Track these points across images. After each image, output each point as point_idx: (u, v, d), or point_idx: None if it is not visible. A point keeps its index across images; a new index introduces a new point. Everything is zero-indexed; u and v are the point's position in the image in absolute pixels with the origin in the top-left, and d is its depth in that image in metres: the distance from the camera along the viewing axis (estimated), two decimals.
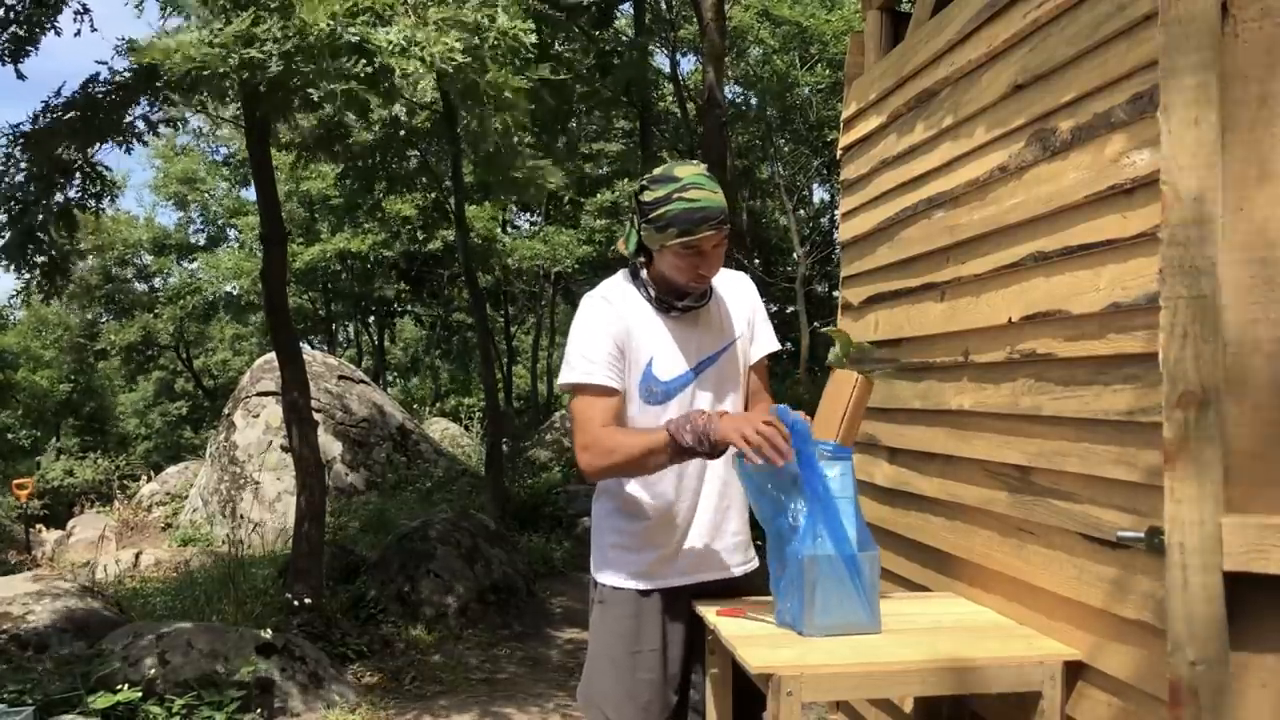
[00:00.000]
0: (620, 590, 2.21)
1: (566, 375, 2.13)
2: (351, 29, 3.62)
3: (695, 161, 2.13)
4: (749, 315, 2.26)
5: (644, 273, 2.17)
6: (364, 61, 3.65)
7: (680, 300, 2.14)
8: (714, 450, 1.95)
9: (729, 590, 2.22)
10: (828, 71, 14.15)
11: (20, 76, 4.94)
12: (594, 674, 2.24)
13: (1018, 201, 2.10)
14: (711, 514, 2.20)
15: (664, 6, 11.84)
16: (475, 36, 3.98)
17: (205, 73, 3.62)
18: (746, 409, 2.24)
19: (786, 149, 16.25)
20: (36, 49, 4.83)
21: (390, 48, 3.63)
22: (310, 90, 3.77)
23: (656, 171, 2.09)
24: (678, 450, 1.96)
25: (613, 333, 2.11)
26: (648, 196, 2.05)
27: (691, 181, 2.02)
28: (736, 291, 2.28)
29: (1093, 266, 1.84)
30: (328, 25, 3.57)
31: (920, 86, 2.59)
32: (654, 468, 2.06)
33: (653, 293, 2.15)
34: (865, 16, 3.16)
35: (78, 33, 5.02)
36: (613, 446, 2.03)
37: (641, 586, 2.20)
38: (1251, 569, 1.47)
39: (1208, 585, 1.48)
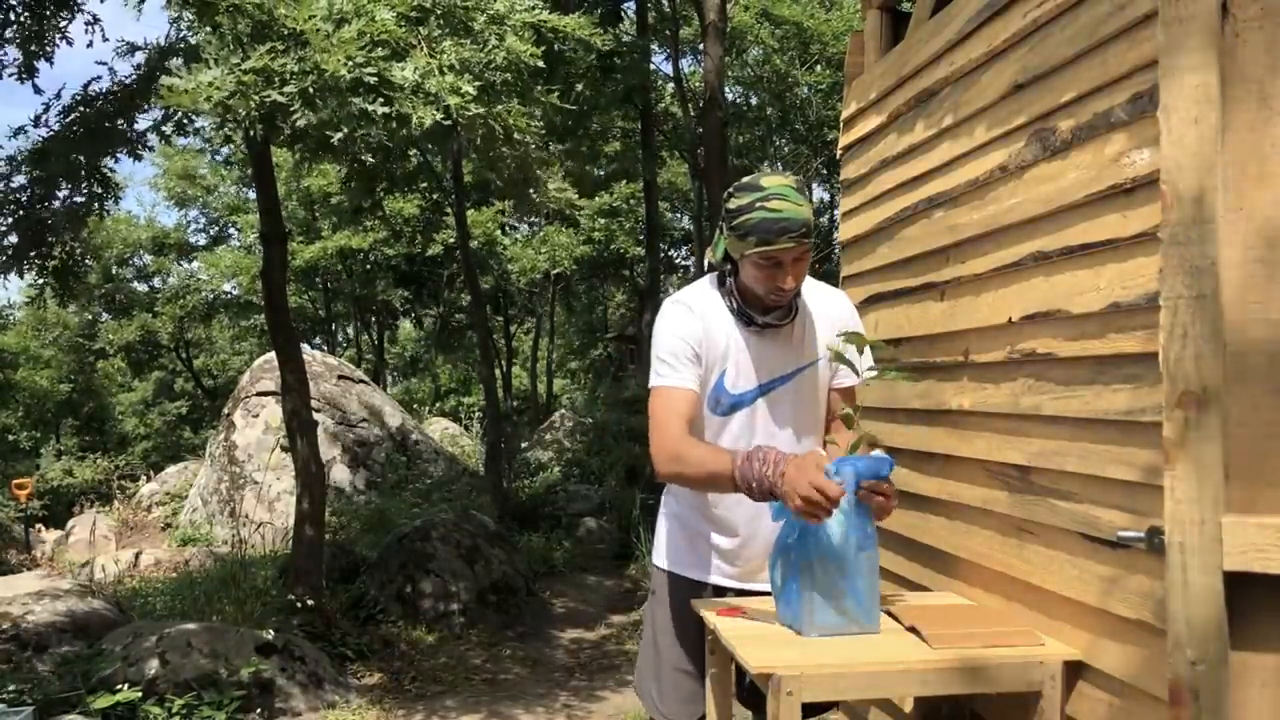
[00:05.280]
0: (674, 579, 2.27)
1: (651, 380, 2.14)
2: (369, 69, 3.59)
3: (786, 173, 2.10)
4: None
5: (730, 281, 2.15)
6: (381, 100, 3.62)
7: (763, 314, 2.12)
8: (769, 497, 1.91)
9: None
10: (828, 71, 14.15)
11: (37, 91, 4.93)
12: (643, 661, 2.32)
13: (1018, 201, 2.10)
14: (774, 526, 2.16)
15: (665, 6, 11.83)
16: (486, 72, 3.95)
17: (232, 117, 3.61)
18: (827, 431, 2.23)
19: (786, 149, 16.24)
20: (51, 63, 4.82)
21: (407, 87, 3.59)
22: (329, 133, 3.74)
23: (744, 180, 2.07)
24: (737, 489, 1.93)
25: (690, 337, 2.11)
26: (732, 204, 2.04)
27: (775, 192, 2.00)
28: (831, 311, 2.22)
29: (1093, 266, 1.84)
30: (346, 70, 3.53)
31: (920, 86, 2.59)
32: (714, 490, 2.07)
33: (736, 303, 2.14)
34: (865, 16, 3.15)
35: (90, 44, 5.00)
36: (679, 456, 2.01)
37: (693, 578, 2.24)
38: (1251, 569, 1.47)
39: (1208, 585, 1.48)
